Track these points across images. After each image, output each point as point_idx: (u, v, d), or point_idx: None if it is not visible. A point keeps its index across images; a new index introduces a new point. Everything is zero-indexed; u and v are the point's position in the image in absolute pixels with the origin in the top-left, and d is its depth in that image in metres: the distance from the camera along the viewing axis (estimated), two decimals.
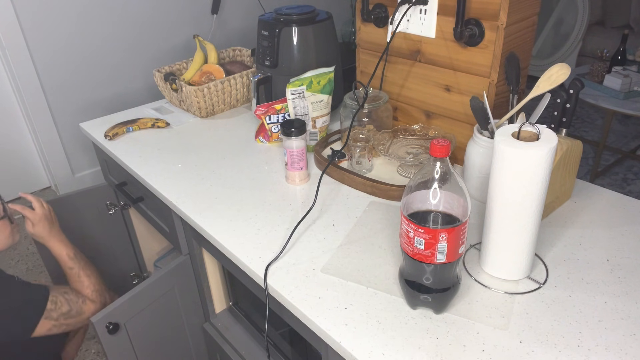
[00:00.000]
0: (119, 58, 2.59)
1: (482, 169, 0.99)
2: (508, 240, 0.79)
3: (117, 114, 1.57)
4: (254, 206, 1.07)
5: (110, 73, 2.60)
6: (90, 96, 2.57)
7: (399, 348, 0.72)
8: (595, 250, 0.88)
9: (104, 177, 1.60)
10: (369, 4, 1.22)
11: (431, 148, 0.68)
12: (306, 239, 0.96)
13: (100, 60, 2.54)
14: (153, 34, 2.66)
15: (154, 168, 1.25)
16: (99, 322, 1.11)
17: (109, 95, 2.63)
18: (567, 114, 0.96)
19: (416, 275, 0.76)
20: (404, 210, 0.72)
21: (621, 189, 2.68)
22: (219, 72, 1.56)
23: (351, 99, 1.19)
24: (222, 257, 1.07)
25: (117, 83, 2.64)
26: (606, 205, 1.00)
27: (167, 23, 2.68)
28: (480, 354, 0.70)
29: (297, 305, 0.81)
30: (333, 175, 1.15)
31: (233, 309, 1.36)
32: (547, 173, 0.73)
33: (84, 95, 2.56)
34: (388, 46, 1.21)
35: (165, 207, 1.21)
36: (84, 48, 2.47)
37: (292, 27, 1.33)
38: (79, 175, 2.69)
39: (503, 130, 0.76)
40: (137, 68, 2.67)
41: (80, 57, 2.47)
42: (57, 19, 2.34)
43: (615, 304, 0.77)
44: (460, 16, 1.01)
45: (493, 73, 1.03)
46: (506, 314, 0.76)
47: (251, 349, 1.25)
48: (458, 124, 1.14)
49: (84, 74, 2.52)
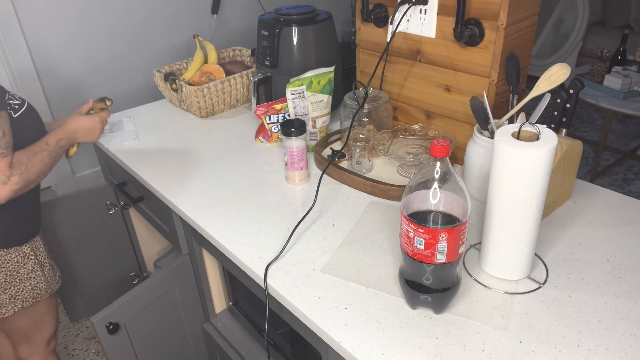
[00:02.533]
0: (119, 58, 2.59)
1: (482, 169, 0.99)
2: (508, 240, 0.79)
3: (117, 114, 1.57)
4: (254, 206, 1.07)
5: (110, 73, 2.60)
6: (90, 96, 2.57)
7: (399, 348, 0.72)
8: (595, 250, 0.88)
9: (104, 177, 1.60)
10: (369, 4, 1.22)
11: (431, 148, 0.68)
12: (306, 239, 0.96)
13: (100, 60, 2.54)
14: (153, 34, 2.66)
15: (154, 168, 1.25)
16: (99, 322, 1.11)
17: (109, 95, 2.63)
18: (567, 114, 0.96)
19: (416, 275, 0.76)
20: (404, 210, 0.72)
21: (621, 189, 2.68)
22: (219, 72, 1.56)
23: (351, 99, 1.19)
24: (222, 257, 1.07)
25: (117, 83, 2.64)
26: (606, 205, 1.00)
27: (167, 23, 2.68)
28: (480, 354, 0.70)
29: (297, 305, 0.81)
30: (333, 175, 1.15)
31: (233, 309, 1.36)
32: (547, 173, 0.73)
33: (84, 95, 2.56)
34: (388, 46, 1.21)
35: (165, 207, 1.21)
36: (84, 48, 2.47)
37: (292, 27, 1.33)
38: (79, 175, 2.69)
39: (503, 130, 0.76)
40: (137, 68, 2.67)
41: (80, 57, 2.47)
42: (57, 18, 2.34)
43: (615, 304, 0.77)
44: (460, 16, 1.01)
45: (493, 73, 1.03)
46: (506, 314, 0.76)
47: (251, 349, 1.25)
48: (458, 124, 1.14)
49: (84, 74, 2.52)
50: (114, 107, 2.66)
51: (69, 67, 2.46)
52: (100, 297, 1.76)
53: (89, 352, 1.78)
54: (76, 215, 1.56)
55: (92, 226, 1.60)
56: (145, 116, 1.55)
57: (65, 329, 1.87)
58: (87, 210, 1.57)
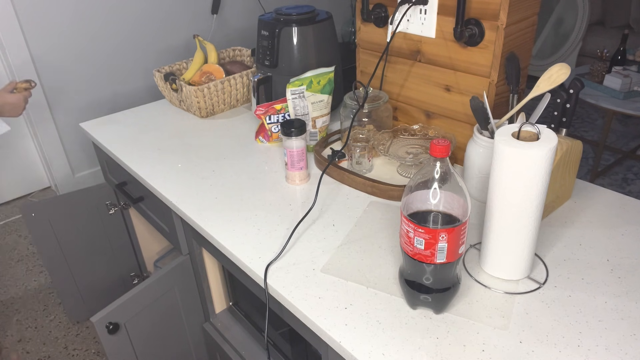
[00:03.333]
0: (119, 58, 2.59)
1: (482, 169, 0.99)
2: (508, 240, 0.79)
3: (117, 114, 1.57)
4: (254, 206, 1.07)
5: (110, 73, 2.60)
6: (90, 96, 2.58)
7: (399, 348, 0.72)
8: (595, 250, 0.88)
9: (104, 177, 1.60)
10: (369, 4, 1.22)
11: (431, 148, 0.68)
12: (306, 239, 0.96)
13: (100, 60, 2.54)
14: (153, 34, 2.66)
15: (154, 168, 1.25)
16: (99, 322, 1.11)
17: (109, 95, 2.64)
18: (567, 114, 0.96)
19: (416, 275, 0.76)
20: (404, 210, 0.72)
21: (621, 189, 2.68)
22: (219, 72, 1.56)
23: (351, 99, 1.19)
24: (222, 257, 1.07)
25: (117, 83, 2.64)
26: (606, 205, 1.00)
27: (167, 23, 2.68)
28: (480, 354, 0.70)
29: (297, 305, 0.81)
30: (333, 175, 1.15)
31: (233, 309, 1.36)
32: (547, 173, 0.73)
33: (84, 95, 2.56)
34: (388, 46, 1.21)
35: (165, 207, 1.21)
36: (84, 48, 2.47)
37: (292, 27, 1.33)
38: (79, 175, 2.69)
39: (503, 130, 0.76)
40: (137, 68, 2.67)
41: (80, 57, 2.47)
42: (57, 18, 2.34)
43: (615, 304, 0.77)
44: (460, 16, 1.01)
45: (493, 73, 1.03)
46: (506, 314, 0.76)
47: (251, 349, 1.25)
48: (458, 124, 1.14)
49: (84, 74, 2.52)
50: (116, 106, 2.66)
51: (69, 66, 2.46)
52: (100, 297, 1.76)
53: (89, 352, 1.78)
54: (76, 215, 1.56)
55: (92, 226, 1.60)
56: (145, 116, 1.55)
57: (65, 328, 1.87)
58: (87, 210, 1.58)
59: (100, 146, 1.43)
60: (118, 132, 1.45)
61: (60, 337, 1.84)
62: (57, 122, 2.52)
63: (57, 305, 1.99)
